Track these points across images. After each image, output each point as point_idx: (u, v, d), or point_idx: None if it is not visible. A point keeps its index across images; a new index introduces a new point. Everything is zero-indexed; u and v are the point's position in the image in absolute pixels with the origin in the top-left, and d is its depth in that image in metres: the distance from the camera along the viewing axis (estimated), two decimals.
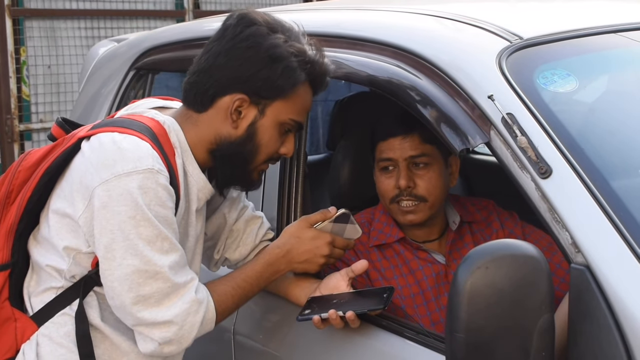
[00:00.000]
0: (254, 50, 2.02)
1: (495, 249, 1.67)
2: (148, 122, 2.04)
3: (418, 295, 2.45)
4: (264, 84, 2.03)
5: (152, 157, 1.94)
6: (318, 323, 2.08)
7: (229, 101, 2.04)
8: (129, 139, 1.96)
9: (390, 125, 2.49)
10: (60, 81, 7.26)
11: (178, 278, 1.97)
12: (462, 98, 1.99)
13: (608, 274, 1.67)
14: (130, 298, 1.94)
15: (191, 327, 1.99)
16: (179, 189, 2.02)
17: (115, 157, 1.93)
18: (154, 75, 3.17)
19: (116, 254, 1.93)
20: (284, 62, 2.02)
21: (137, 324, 1.98)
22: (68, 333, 2.04)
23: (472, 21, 2.22)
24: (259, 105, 2.05)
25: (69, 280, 2.04)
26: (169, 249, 1.95)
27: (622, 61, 2.28)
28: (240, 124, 2.06)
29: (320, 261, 2.17)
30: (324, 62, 2.09)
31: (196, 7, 8.15)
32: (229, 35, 2.05)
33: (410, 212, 2.46)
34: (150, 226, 1.92)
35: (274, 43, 2.02)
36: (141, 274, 1.93)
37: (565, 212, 1.76)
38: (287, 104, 2.06)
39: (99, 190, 1.92)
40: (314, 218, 2.20)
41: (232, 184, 2.15)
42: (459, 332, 1.64)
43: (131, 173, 1.91)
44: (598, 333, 1.65)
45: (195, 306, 1.99)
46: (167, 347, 1.99)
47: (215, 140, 2.07)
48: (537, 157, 1.82)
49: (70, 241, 2.01)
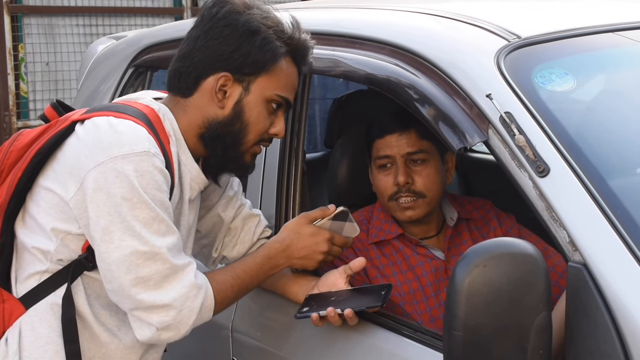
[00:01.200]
0: (231, 27, 2.03)
1: (493, 247, 1.68)
2: (143, 109, 2.05)
3: (418, 292, 2.45)
4: (245, 59, 2.04)
5: (148, 140, 1.94)
6: (316, 321, 2.09)
7: (213, 81, 2.05)
8: (125, 123, 1.96)
9: (387, 122, 2.50)
10: (58, 78, 7.26)
11: (177, 260, 1.95)
12: (460, 96, 2.00)
13: (605, 272, 1.67)
14: (129, 280, 1.92)
15: (190, 312, 1.96)
16: (173, 176, 2.02)
17: (111, 139, 1.93)
18: (152, 73, 3.17)
19: (114, 236, 1.91)
20: (261, 35, 2.03)
21: (135, 307, 1.94)
22: (51, 321, 2.02)
23: (470, 20, 2.22)
24: (243, 83, 2.06)
25: (55, 263, 2.02)
26: (166, 231, 1.94)
27: (619, 60, 2.29)
28: (227, 103, 2.06)
29: (318, 258, 2.18)
30: (301, 36, 2.11)
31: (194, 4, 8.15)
32: (206, 18, 2.07)
33: (409, 208, 2.47)
34: (147, 208, 1.92)
35: (250, 18, 2.04)
36: (140, 255, 1.91)
37: (563, 210, 1.77)
38: (270, 79, 2.06)
39: (94, 172, 1.92)
40: (314, 215, 2.20)
41: (225, 168, 2.14)
42: (456, 330, 1.64)
43: (127, 155, 1.91)
44: (595, 331, 1.65)
45: (195, 291, 1.97)
46: (165, 332, 1.96)
47: (204, 123, 2.07)
48: (535, 156, 1.83)
49: (59, 223, 1.99)
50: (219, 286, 2.04)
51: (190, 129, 2.08)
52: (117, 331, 2.08)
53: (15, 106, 6.96)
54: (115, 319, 2.07)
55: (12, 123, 6.95)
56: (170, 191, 2.00)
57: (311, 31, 2.17)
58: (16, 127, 6.97)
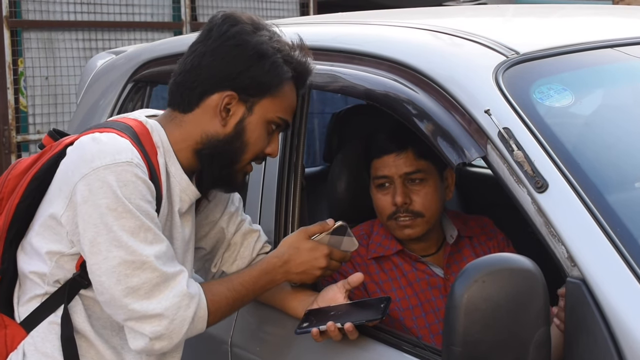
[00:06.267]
0: (241, 48, 2.04)
1: (491, 263, 1.68)
2: (130, 122, 2.07)
3: (417, 307, 2.45)
4: (252, 81, 2.05)
5: (130, 151, 1.96)
6: (317, 336, 2.09)
7: (218, 99, 2.06)
8: (108, 135, 1.99)
9: (383, 142, 2.50)
10: (57, 92, 7.26)
11: (166, 268, 1.96)
12: (458, 112, 2.00)
13: (604, 287, 1.67)
14: (120, 290, 1.93)
15: (182, 322, 1.97)
16: (160, 188, 2.03)
17: (93, 151, 1.95)
18: (151, 88, 3.17)
19: (101, 247, 1.93)
20: (270, 59, 2.05)
21: (128, 317, 1.96)
22: (53, 341, 2.04)
23: (469, 36, 2.23)
24: (247, 103, 2.07)
25: (52, 286, 2.04)
26: (153, 240, 1.95)
27: (617, 76, 2.29)
28: (229, 122, 2.07)
29: (316, 273, 2.18)
30: (307, 60, 2.13)
31: (193, 19, 8.16)
32: (214, 35, 2.07)
33: (408, 226, 2.47)
34: (132, 217, 1.93)
35: (260, 40, 2.05)
36: (128, 265, 1.93)
37: (562, 226, 1.77)
38: (274, 101, 2.08)
39: (80, 185, 1.94)
40: (313, 230, 2.20)
41: (217, 185, 2.15)
42: (455, 346, 1.65)
43: (109, 165, 1.93)
44: (594, 347, 1.65)
45: (187, 300, 1.98)
46: (158, 342, 1.97)
47: (202, 139, 2.08)
48: (534, 171, 1.83)
49: (52, 245, 2.01)
50: (214, 297, 2.05)
51: (184, 144, 2.09)
52: (121, 349, 2.09)
53: (14, 120, 6.95)
54: (118, 338, 2.08)
55: (12, 137, 6.94)
56: (158, 203, 2.01)
57: (310, 46, 2.18)
58: (15, 141, 6.97)
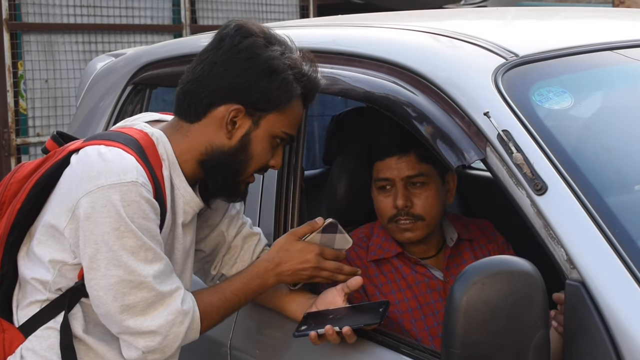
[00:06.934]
0: (252, 61, 2.03)
1: (491, 265, 1.68)
2: (135, 135, 2.06)
3: (416, 310, 2.45)
4: (261, 96, 2.04)
5: (136, 170, 1.96)
6: (315, 339, 2.08)
7: (225, 111, 2.05)
8: (114, 152, 1.98)
9: (386, 144, 2.50)
10: (57, 95, 7.26)
11: (163, 287, 1.98)
12: (458, 114, 2.00)
13: (603, 290, 1.67)
14: (116, 307, 1.96)
15: (175, 337, 2.00)
16: (165, 201, 2.04)
17: (99, 169, 1.95)
18: (151, 90, 3.17)
19: (100, 264, 1.94)
20: (281, 75, 2.04)
21: (122, 332, 1.99)
22: (52, 346, 2.04)
23: (468, 38, 2.23)
24: (253, 117, 2.06)
25: (54, 293, 2.05)
26: (153, 259, 1.97)
27: (617, 78, 2.29)
28: (235, 134, 2.07)
29: (309, 273, 2.18)
30: (317, 77, 2.12)
31: (193, 22, 8.16)
32: (226, 46, 2.06)
33: (408, 229, 2.47)
34: (134, 237, 1.94)
35: (271, 55, 2.04)
36: (125, 284, 1.95)
37: (561, 228, 1.77)
38: (281, 117, 2.07)
39: (83, 201, 1.94)
40: (302, 230, 2.20)
41: (219, 195, 2.16)
42: (455, 348, 1.65)
43: (114, 185, 1.93)
44: (593, 349, 1.65)
45: (181, 317, 2.00)
46: (151, 355, 2.01)
47: (207, 150, 2.08)
48: (533, 174, 1.83)
49: (56, 254, 2.02)
50: (206, 308, 2.08)
51: (189, 155, 2.09)
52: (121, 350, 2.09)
53: (14, 123, 6.95)
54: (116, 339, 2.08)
55: (11, 140, 6.94)
56: (162, 217, 2.02)
57: (309, 49, 2.18)
58: (15, 144, 6.97)
